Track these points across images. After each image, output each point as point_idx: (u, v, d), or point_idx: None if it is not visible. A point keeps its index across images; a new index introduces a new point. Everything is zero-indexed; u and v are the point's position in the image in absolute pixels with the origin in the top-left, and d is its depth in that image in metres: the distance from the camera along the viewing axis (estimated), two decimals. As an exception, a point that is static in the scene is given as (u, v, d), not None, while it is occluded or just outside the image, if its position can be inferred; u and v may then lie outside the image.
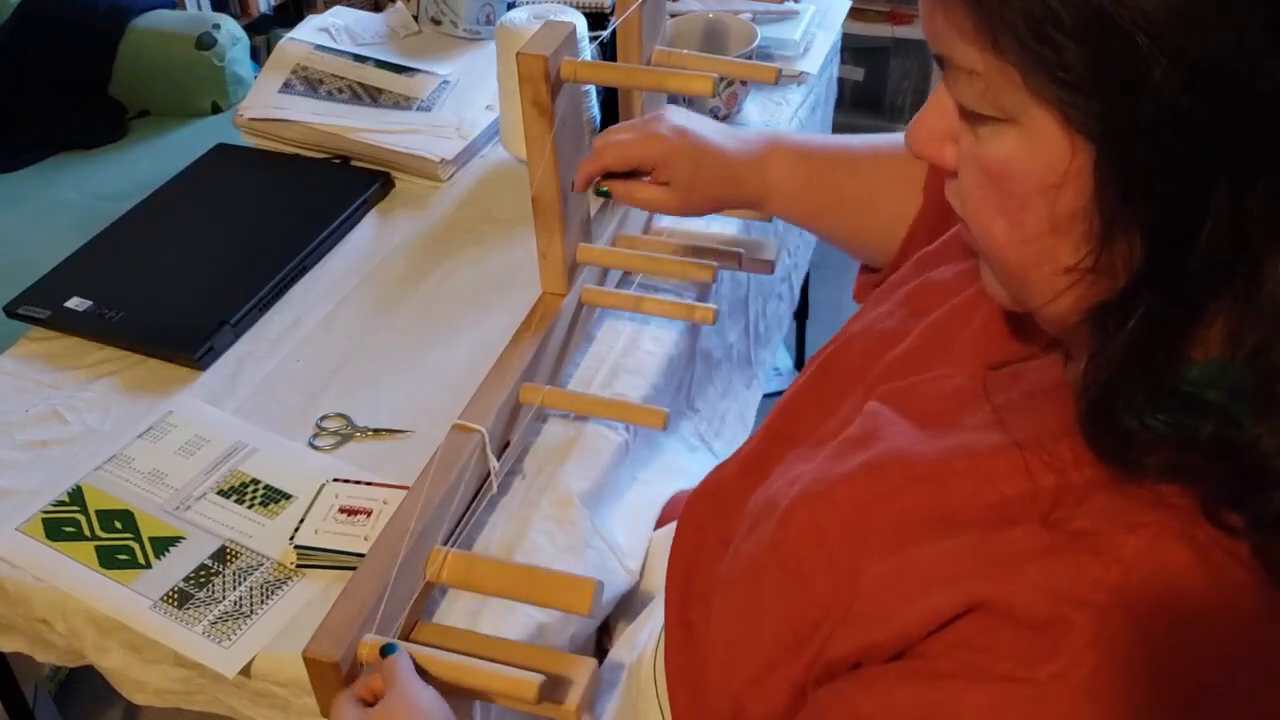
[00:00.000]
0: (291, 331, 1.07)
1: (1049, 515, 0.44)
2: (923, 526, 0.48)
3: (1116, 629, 0.40)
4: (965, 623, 0.44)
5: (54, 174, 1.80)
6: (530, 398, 0.92)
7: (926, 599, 0.45)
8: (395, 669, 0.70)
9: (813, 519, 0.54)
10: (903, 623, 0.46)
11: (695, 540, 0.70)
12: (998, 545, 0.45)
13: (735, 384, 1.30)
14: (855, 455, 0.54)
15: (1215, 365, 0.40)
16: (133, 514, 0.88)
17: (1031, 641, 0.41)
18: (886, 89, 2.78)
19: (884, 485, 0.51)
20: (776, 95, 1.42)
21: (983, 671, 0.42)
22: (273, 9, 2.64)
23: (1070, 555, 0.42)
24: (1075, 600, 0.41)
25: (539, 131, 0.87)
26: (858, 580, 0.49)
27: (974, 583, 0.44)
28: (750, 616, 0.57)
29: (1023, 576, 0.43)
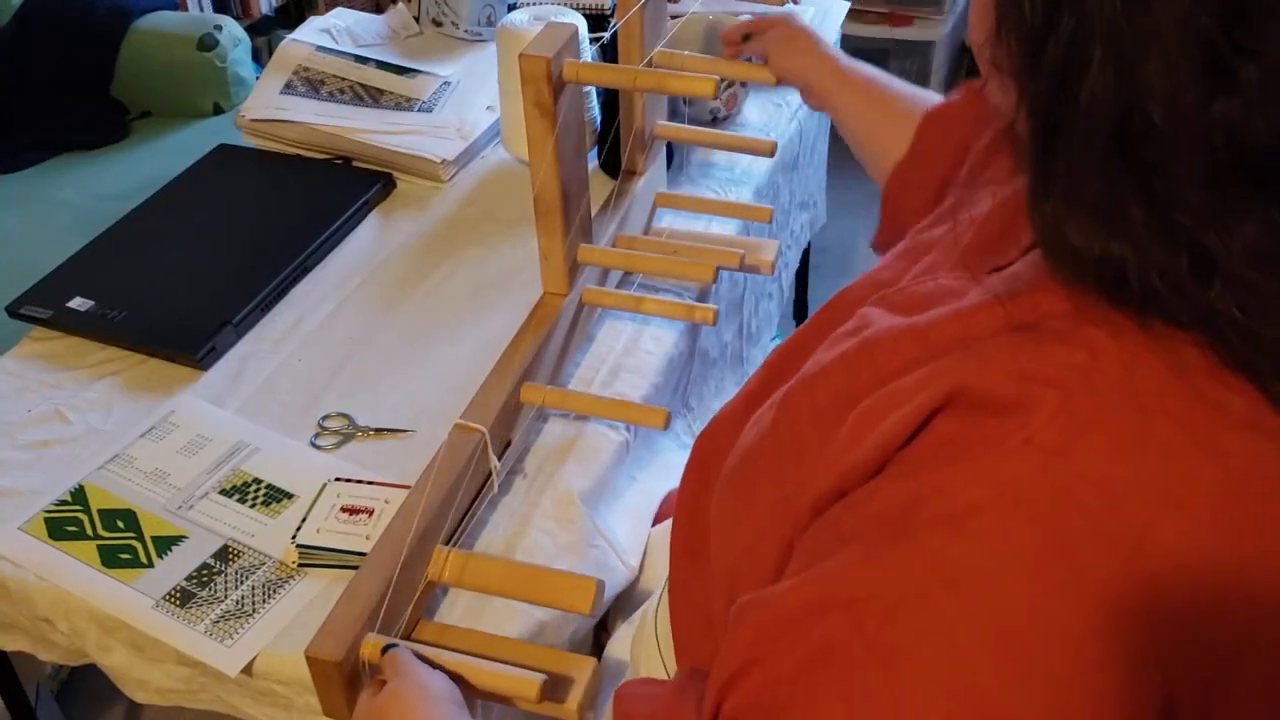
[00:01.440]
0: (293, 331, 1.08)
1: (1020, 325, 0.46)
2: (904, 367, 0.50)
3: (1081, 401, 0.42)
4: (940, 420, 0.45)
5: (56, 174, 1.80)
6: (531, 397, 0.93)
7: (904, 406, 0.47)
8: (400, 658, 0.71)
9: (807, 395, 0.56)
10: (881, 435, 0.47)
11: (699, 475, 0.71)
12: (973, 350, 0.47)
13: (727, 382, 1.31)
14: (847, 342, 0.56)
15: None
16: (135, 513, 0.89)
17: (1003, 422, 0.43)
18: (886, 90, 2.78)
19: (874, 351, 0.54)
20: (776, 96, 1.42)
21: (959, 455, 0.44)
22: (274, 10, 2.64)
23: (1039, 345, 0.45)
24: (1043, 379, 0.43)
25: (541, 132, 0.88)
26: (842, 428, 0.51)
27: (948, 378, 0.46)
28: (747, 494, 0.58)
29: (994, 366, 0.45)
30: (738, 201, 1.23)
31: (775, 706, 0.46)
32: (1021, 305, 0.47)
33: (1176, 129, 0.39)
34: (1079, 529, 0.40)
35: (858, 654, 0.43)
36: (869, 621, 0.43)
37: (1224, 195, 0.40)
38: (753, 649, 0.48)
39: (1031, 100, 0.43)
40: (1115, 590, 0.40)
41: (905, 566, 0.43)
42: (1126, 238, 0.42)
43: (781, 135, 1.36)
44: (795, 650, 0.46)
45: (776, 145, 1.12)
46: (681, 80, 0.89)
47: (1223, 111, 0.38)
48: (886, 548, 0.44)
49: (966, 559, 0.42)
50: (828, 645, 0.44)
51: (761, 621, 0.48)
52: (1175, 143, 0.39)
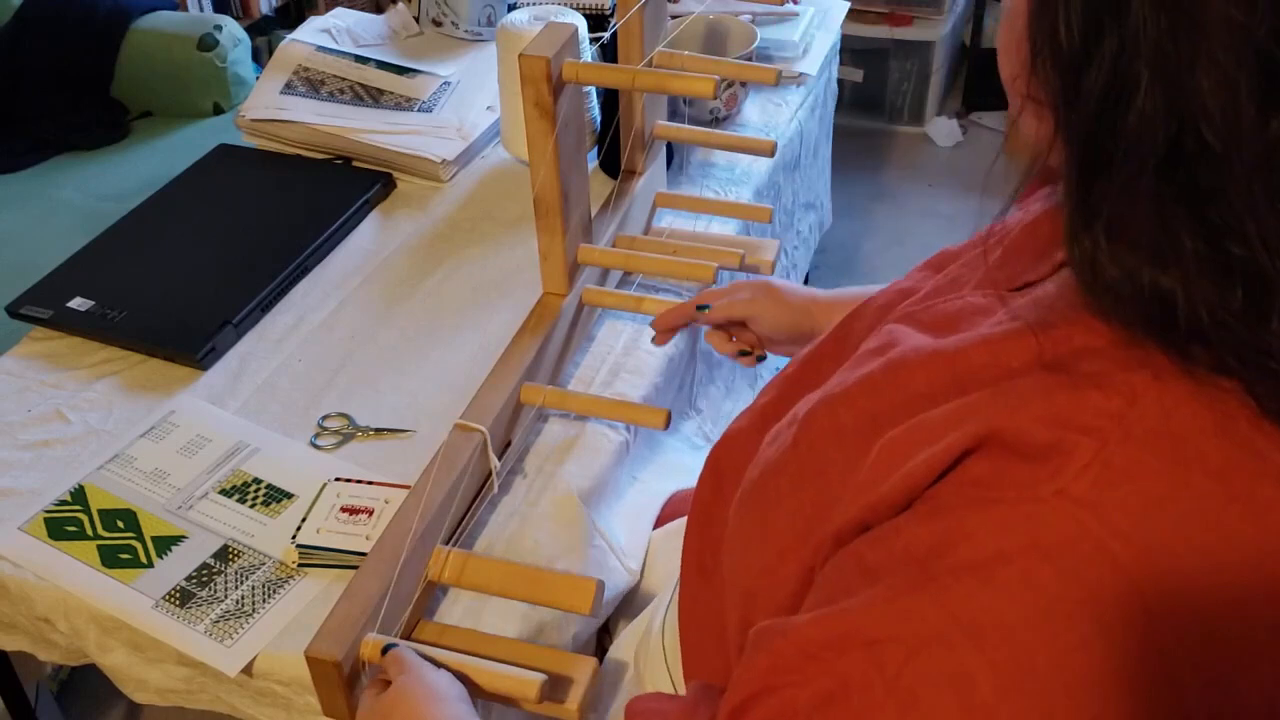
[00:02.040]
0: (293, 331, 1.08)
1: (1054, 366, 0.45)
2: (933, 397, 0.49)
3: (1117, 451, 0.41)
4: (972, 461, 0.45)
5: (56, 174, 1.80)
6: (531, 398, 0.93)
7: (934, 445, 0.46)
8: (404, 656, 0.71)
9: (830, 415, 0.56)
10: (909, 473, 0.46)
11: (714, 486, 0.70)
12: (1006, 390, 0.46)
13: (738, 384, 1.30)
14: (872, 361, 0.56)
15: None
16: (135, 513, 0.89)
17: (1036, 469, 0.43)
18: (885, 90, 2.78)
19: (901, 373, 0.53)
20: (776, 96, 1.42)
21: (989, 500, 0.43)
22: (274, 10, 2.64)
23: (1075, 389, 0.44)
24: (1078, 426, 0.43)
25: (541, 132, 0.88)
26: (867, 455, 0.50)
27: (981, 420, 0.45)
28: (765, 513, 0.58)
29: (1029, 408, 0.44)
30: (738, 201, 1.23)
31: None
32: (1054, 338, 0.46)
33: (1232, 150, 0.38)
34: (1108, 585, 0.40)
35: (877, 694, 0.43)
36: (889, 663, 0.43)
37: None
38: (769, 677, 0.48)
39: (1072, 129, 0.42)
40: (1142, 648, 0.39)
41: (929, 611, 0.43)
42: (1175, 270, 0.40)
43: (781, 135, 1.36)
44: (813, 684, 0.45)
45: (776, 145, 1.12)
46: (681, 80, 0.89)
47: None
48: (911, 590, 0.44)
49: (991, 609, 0.41)
50: (846, 682, 0.44)
51: (780, 650, 0.48)
52: (1231, 165, 0.38)
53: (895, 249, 2.35)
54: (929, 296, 0.61)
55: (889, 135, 2.80)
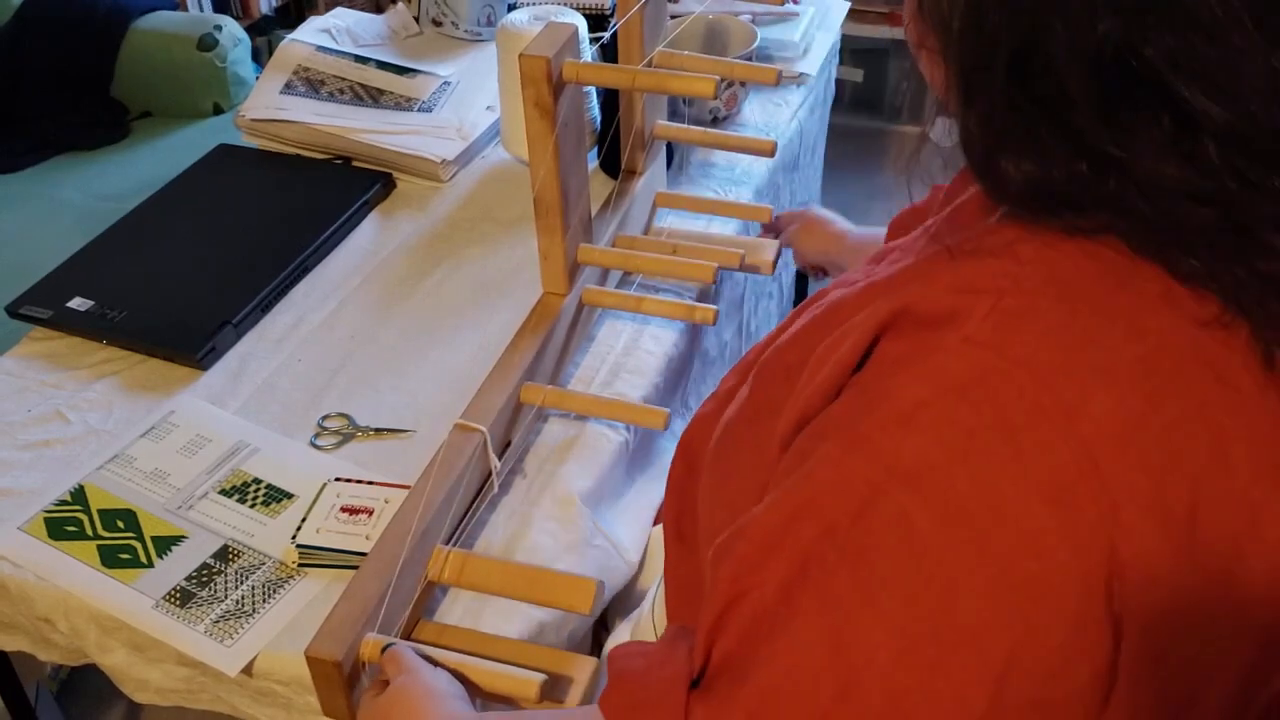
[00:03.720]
0: (293, 331, 1.08)
1: (960, 248, 0.50)
2: (859, 311, 0.52)
3: (1011, 300, 0.46)
4: (886, 342, 0.49)
5: (56, 174, 1.80)
6: (531, 397, 0.93)
7: (851, 334, 0.50)
8: (403, 656, 0.71)
9: (778, 360, 0.59)
10: (835, 362, 0.50)
11: (685, 462, 0.72)
12: (914, 274, 0.51)
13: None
14: (811, 311, 0.60)
15: None
16: (135, 513, 0.89)
17: (942, 331, 0.47)
18: (885, 90, 2.78)
19: (838, 306, 0.56)
20: (776, 96, 1.42)
21: (905, 363, 0.47)
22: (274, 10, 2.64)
23: (974, 260, 0.49)
24: (976, 288, 0.47)
25: (541, 132, 0.88)
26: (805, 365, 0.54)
27: (892, 298, 0.49)
28: (728, 463, 0.61)
29: (933, 282, 0.49)
30: (737, 201, 1.23)
31: (761, 636, 0.48)
32: (963, 240, 0.51)
33: (1069, 55, 0.43)
34: (1015, 409, 0.44)
35: (831, 561, 0.46)
36: (838, 529, 0.46)
37: (1118, 107, 0.44)
38: (735, 584, 0.50)
39: (948, 57, 0.48)
40: (1053, 461, 0.43)
41: (864, 467, 0.46)
42: (1041, 158, 0.46)
43: (782, 135, 1.36)
44: (775, 573, 0.48)
45: (776, 145, 1.12)
46: (681, 80, 0.89)
47: (1108, 28, 0.42)
48: (846, 453, 0.47)
49: (918, 451, 0.45)
50: (804, 562, 0.47)
51: (741, 553, 0.50)
52: (1071, 66, 0.44)
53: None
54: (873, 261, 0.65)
55: (889, 135, 2.80)
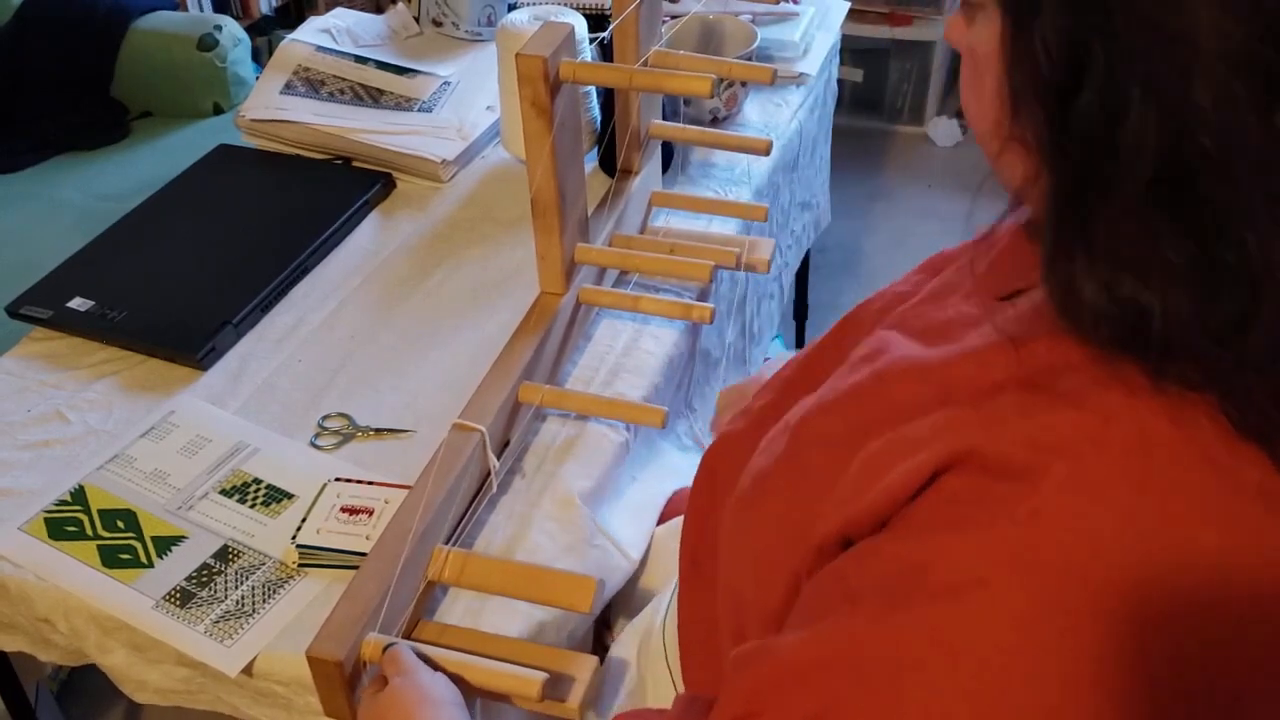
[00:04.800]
0: (293, 331, 1.08)
1: (1033, 381, 0.46)
2: (917, 409, 0.50)
3: (1090, 470, 0.42)
4: (948, 478, 0.45)
5: (56, 174, 1.80)
6: (530, 397, 0.93)
7: (913, 457, 0.46)
8: (403, 657, 0.71)
9: (819, 423, 0.57)
10: (888, 486, 0.47)
11: (708, 487, 0.71)
12: (985, 408, 0.47)
13: (731, 382, 1.31)
14: (863, 369, 0.56)
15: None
16: (135, 513, 0.89)
17: (1013, 489, 0.43)
18: (885, 90, 2.78)
19: (886, 384, 0.54)
20: (776, 96, 1.42)
21: (967, 521, 0.44)
22: (274, 10, 2.64)
23: (1052, 409, 0.44)
24: (1053, 446, 0.43)
25: (538, 132, 0.88)
26: (850, 465, 0.51)
27: (958, 437, 0.46)
28: (756, 521, 0.59)
29: (1006, 428, 0.45)
30: (733, 200, 1.23)
31: None
32: (1033, 351, 0.47)
33: (1232, 156, 0.38)
34: (1083, 607, 0.40)
35: (854, 716, 0.44)
36: (870, 687, 0.44)
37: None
38: (753, 700, 0.48)
39: (1060, 157, 0.43)
40: (1123, 667, 0.40)
41: (908, 635, 0.43)
42: (1157, 283, 0.41)
43: (781, 135, 1.36)
44: (797, 708, 0.46)
45: (772, 144, 1.12)
46: (678, 80, 0.89)
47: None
48: (891, 613, 0.44)
49: (967, 633, 0.42)
50: (828, 707, 0.45)
51: (764, 673, 0.48)
52: (1231, 171, 0.38)
53: (895, 249, 2.35)
54: (922, 302, 0.61)
55: (889, 135, 2.80)
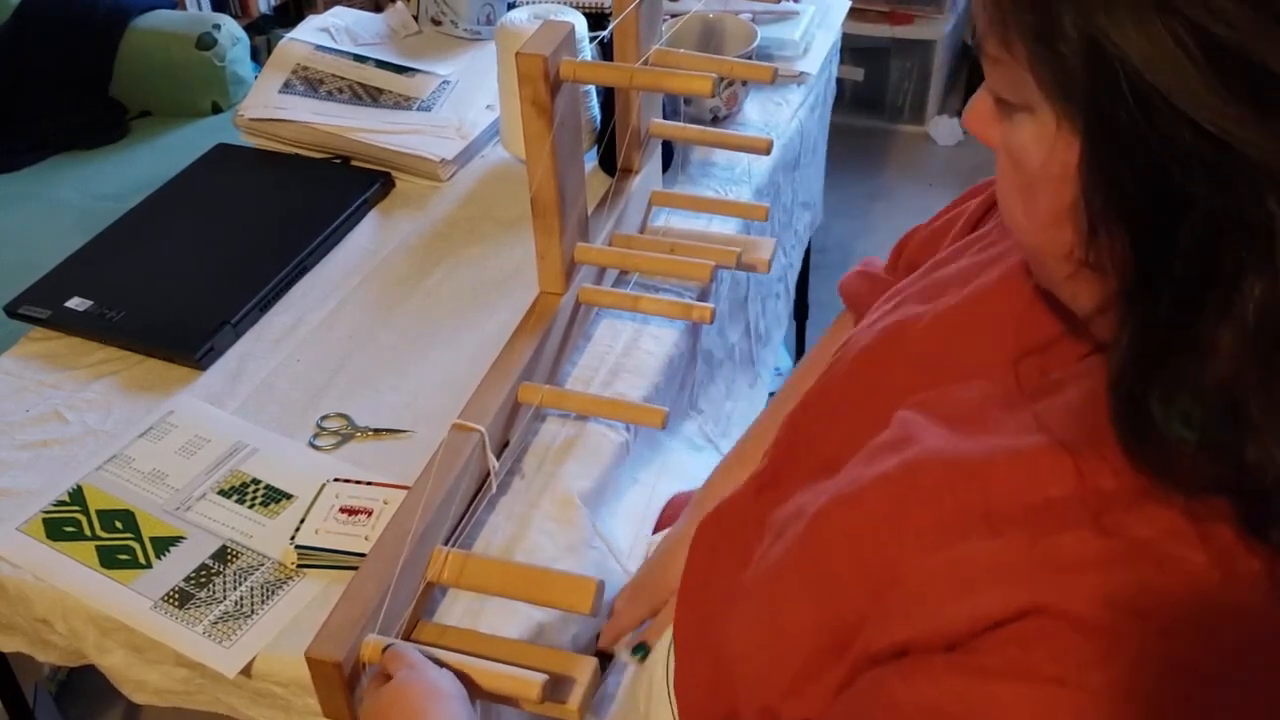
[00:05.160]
0: (292, 331, 1.08)
1: (1101, 519, 0.43)
2: (964, 524, 0.48)
3: (1176, 643, 0.40)
4: (1020, 624, 0.43)
5: (54, 174, 1.80)
6: (529, 397, 0.92)
7: (977, 597, 0.44)
8: (407, 653, 0.71)
9: (844, 520, 0.54)
10: (951, 618, 0.45)
11: (707, 562, 0.68)
12: (1051, 550, 0.44)
13: (739, 384, 1.30)
14: (889, 458, 0.54)
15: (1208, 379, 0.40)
16: (133, 514, 0.88)
17: (1086, 646, 0.41)
18: (886, 89, 2.78)
19: (920, 483, 0.51)
20: (777, 95, 1.42)
21: (1032, 672, 0.42)
22: (273, 9, 2.64)
23: (1130, 565, 0.42)
24: (1134, 610, 0.41)
25: (538, 131, 0.88)
26: (895, 578, 0.49)
27: (1030, 588, 0.43)
28: (780, 623, 0.56)
29: (1082, 584, 0.42)
30: (734, 199, 1.23)
31: None
32: (1096, 472, 0.44)
33: None
34: None
35: None
36: None
37: None
38: None
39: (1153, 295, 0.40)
40: None
41: None
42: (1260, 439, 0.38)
43: (782, 134, 1.36)
44: None
45: (772, 143, 1.12)
46: (679, 79, 0.89)
47: None
48: None
49: None
50: None
51: None
52: None
53: (895, 248, 2.35)
54: (933, 364, 0.58)
55: (889, 134, 2.80)
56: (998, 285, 0.58)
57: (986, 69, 0.45)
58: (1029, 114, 0.43)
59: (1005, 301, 0.56)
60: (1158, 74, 0.37)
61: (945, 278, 0.63)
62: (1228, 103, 0.36)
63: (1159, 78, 0.37)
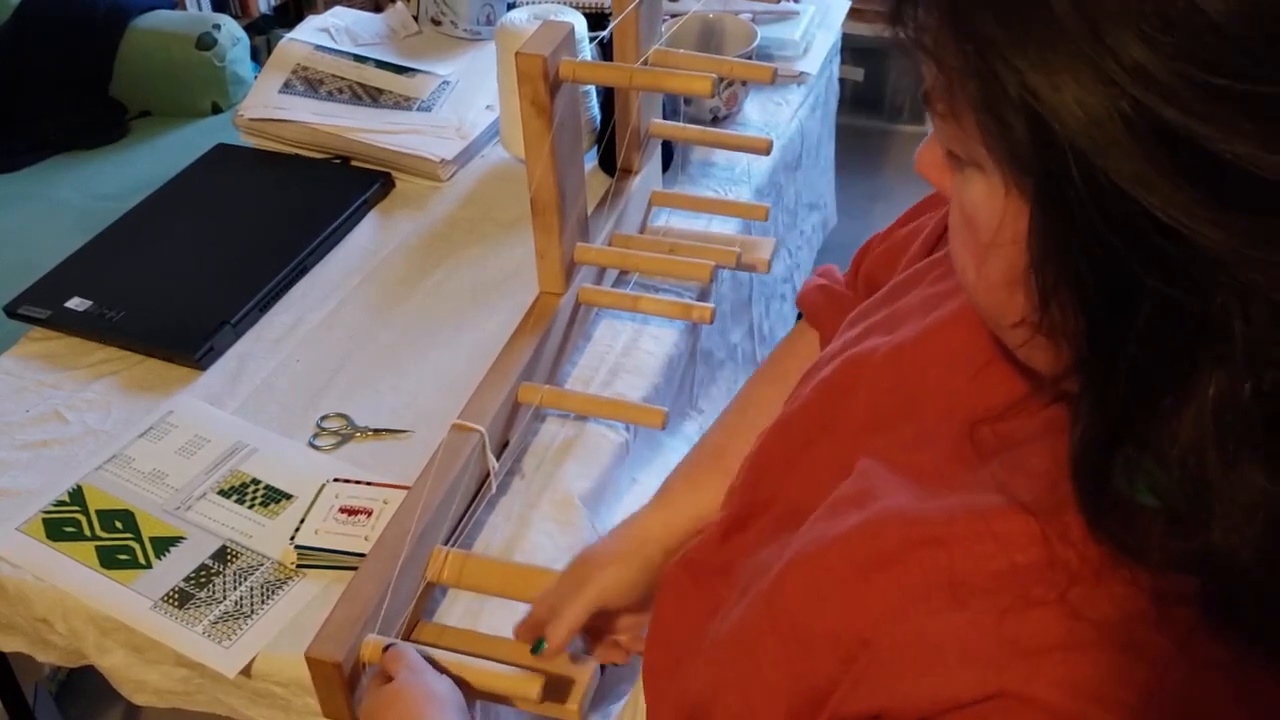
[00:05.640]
0: (292, 331, 1.08)
1: (1067, 595, 0.43)
2: (929, 592, 0.47)
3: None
4: (986, 707, 0.43)
5: (54, 174, 1.80)
6: (529, 397, 0.92)
7: (943, 677, 0.44)
8: (408, 656, 0.71)
9: (810, 581, 0.53)
10: (917, 697, 0.45)
11: (676, 611, 0.67)
12: (1018, 630, 0.43)
13: (740, 384, 1.30)
14: (850, 514, 0.53)
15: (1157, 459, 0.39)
16: (133, 514, 0.88)
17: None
18: (886, 89, 2.78)
19: (883, 545, 0.50)
20: (777, 95, 1.42)
21: None
22: (273, 9, 2.64)
23: (1096, 650, 0.41)
24: (1099, 698, 0.40)
25: (538, 131, 0.88)
26: (864, 642, 0.48)
27: (997, 671, 0.43)
28: (750, 688, 0.55)
29: (1047, 668, 0.42)
30: (733, 199, 1.23)
31: None
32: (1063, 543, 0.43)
33: None
34: None
35: None
36: None
37: None
38: None
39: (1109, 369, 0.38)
40: None
41: None
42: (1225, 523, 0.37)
43: (782, 134, 1.36)
44: None
45: (772, 143, 1.12)
46: (678, 79, 0.89)
47: None
48: None
49: None
50: None
51: None
52: None
53: (895, 248, 2.35)
54: (890, 408, 0.57)
55: (889, 134, 2.80)
56: (953, 321, 0.57)
57: (935, 124, 0.43)
58: (979, 170, 0.42)
59: (962, 340, 0.55)
60: (1104, 156, 0.35)
61: (906, 308, 0.62)
62: (1180, 189, 0.34)
63: (1106, 160, 0.35)
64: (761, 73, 1.01)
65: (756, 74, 1.02)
